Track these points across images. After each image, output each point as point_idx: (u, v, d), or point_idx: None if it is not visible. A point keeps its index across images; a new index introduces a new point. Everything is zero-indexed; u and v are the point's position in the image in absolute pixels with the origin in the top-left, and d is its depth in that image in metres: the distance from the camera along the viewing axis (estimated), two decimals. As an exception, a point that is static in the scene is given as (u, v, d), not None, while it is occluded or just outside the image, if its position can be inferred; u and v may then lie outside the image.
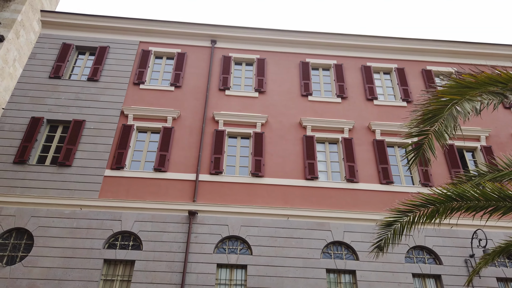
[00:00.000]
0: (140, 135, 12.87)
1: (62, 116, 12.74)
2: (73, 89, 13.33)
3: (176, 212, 11.21)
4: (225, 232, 11.02)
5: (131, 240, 10.83)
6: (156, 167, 11.93)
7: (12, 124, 12.39)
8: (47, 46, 14.32)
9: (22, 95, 13.06)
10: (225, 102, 13.63)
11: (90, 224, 10.80)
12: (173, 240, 10.75)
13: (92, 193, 11.34)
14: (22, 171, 11.51)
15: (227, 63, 14.53)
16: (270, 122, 13.32)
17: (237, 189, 11.83)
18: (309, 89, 14.16)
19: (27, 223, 10.66)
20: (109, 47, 14.46)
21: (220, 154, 12.34)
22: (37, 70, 13.69)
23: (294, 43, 15.26)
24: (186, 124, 13.02)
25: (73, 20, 14.71)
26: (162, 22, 14.97)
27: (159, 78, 14.20)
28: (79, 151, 12.05)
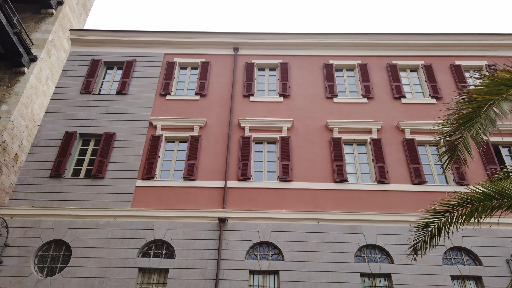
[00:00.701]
0: (168, 145, 13.09)
1: (94, 130, 13.14)
2: (103, 103, 13.74)
3: (207, 219, 11.31)
4: (255, 238, 11.01)
5: (164, 249, 11.00)
6: (185, 175, 12.09)
7: (47, 140, 12.89)
8: (77, 63, 14.85)
9: (56, 112, 13.57)
10: (250, 108, 13.69)
11: (124, 234, 11.05)
12: (205, 247, 10.83)
13: (125, 203, 11.61)
14: (58, 184, 11.94)
15: (250, 69, 14.61)
16: (296, 126, 13.26)
17: (266, 194, 11.82)
18: (334, 90, 14.02)
19: (65, 234, 11.02)
20: (136, 60, 14.85)
21: (247, 160, 12.38)
22: (68, 86, 14.21)
23: (317, 46, 15.18)
24: (212, 132, 13.16)
25: (100, 36, 15.21)
26: (185, 33, 15.25)
27: (184, 88, 14.43)
28: (111, 163, 12.39)
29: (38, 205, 11.52)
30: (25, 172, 12.21)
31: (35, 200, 11.61)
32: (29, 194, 11.74)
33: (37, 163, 12.38)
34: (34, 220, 11.23)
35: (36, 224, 11.17)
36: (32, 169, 12.24)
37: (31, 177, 12.06)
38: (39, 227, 11.14)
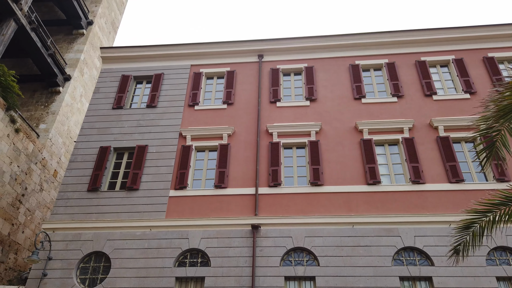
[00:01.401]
0: (198, 154, 13.29)
1: (127, 143, 13.53)
2: (135, 117, 14.14)
3: (240, 227, 11.36)
4: (289, 244, 10.94)
5: (199, 257, 11.13)
6: (217, 184, 12.22)
7: (84, 155, 13.39)
8: (108, 79, 15.38)
9: (90, 127, 14.09)
10: (277, 114, 13.70)
11: (160, 243, 11.27)
12: (239, 255, 10.87)
13: (159, 213, 11.85)
14: (95, 198, 12.35)
15: (276, 75, 14.64)
16: (325, 129, 13.14)
17: (297, 199, 11.74)
18: (362, 91, 13.81)
19: (104, 246, 11.37)
20: (163, 73, 15.22)
21: (277, 166, 12.36)
22: (101, 103, 14.73)
23: (342, 47, 15.02)
24: (241, 140, 13.25)
25: (129, 52, 15.71)
26: (210, 44, 15.49)
27: (211, 98, 14.64)
28: (144, 174, 12.70)
29: (78, 218, 11.96)
30: (64, 187, 12.72)
31: (74, 213, 12.06)
32: (68, 208, 12.20)
33: (75, 178, 12.87)
34: (74, 233, 11.66)
35: (77, 237, 11.59)
36: (71, 184, 12.73)
37: (70, 192, 12.55)
38: (80, 239, 11.54)
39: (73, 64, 19.83)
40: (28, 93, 18.68)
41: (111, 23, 24.02)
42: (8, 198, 14.54)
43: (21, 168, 15.36)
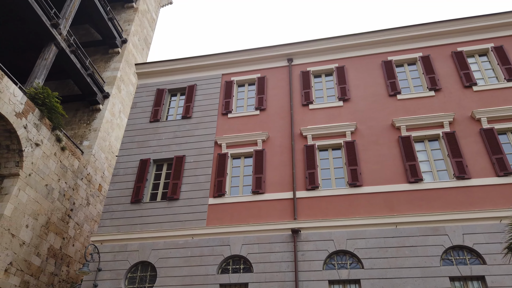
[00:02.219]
0: (234, 161, 13.44)
1: (165, 155, 13.92)
2: (171, 129, 14.54)
3: (279, 231, 11.35)
4: (331, 247, 10.80)
5: (241, 263, 11.21)
6: (254, 190, 12.29)
7: (125, 168, 13.90)
8: (144, 94, 15.92)
9: (130, 141, 14.62)
10: (311, 117, 13.61)
11: (202, 251, 11.46)
12: (281, 260, 10.85)
13: (200, 222, 12.07)
14: (139, 209, 12.78)
15: (306, 78, 14.58)
16: (360, 128, 12.91)
17: (336, 202, 11.58)
18: (397, 87, 13.46)
19: (149, 256, 11.72)
20: (196, 84, 15.57)
21: (314, 169, 12.27)
22: (139, 117, 15.26)
23: (373, 44, 14.74)
24: (275, 144, 13.27)
25: (162, 67, 16.20)
26: (239, 52, 15.68)
27: (244, 105, 14.79)
28: (183, 184, 13.00)
29: (123, 230, 12.40)
30: (109, 200, 13.25)
31: (120, 225, 12.53)
32: (114, 220, 12.69)
33: (118, 191, 13.38)
34: (121, 245, 12.10)
35: (123, 248, 12.02)
36: (115, 197, 13.24)
37: (115, 205, 13.05)
38: (126, 250, 11.96)
39: (110, 81, 20.70)
40: (71, 112, 19.68)
41: (144, 40, 24.89)
42: (58, 214, 15.33)
43: (69, 184, 16.15)
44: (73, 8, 18.08)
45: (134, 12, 23.98)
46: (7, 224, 12.64)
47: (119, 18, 23.71)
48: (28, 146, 13.84)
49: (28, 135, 13.87)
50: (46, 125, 14.90)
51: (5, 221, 12.54)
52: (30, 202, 13.75)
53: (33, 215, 13.84)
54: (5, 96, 12.90)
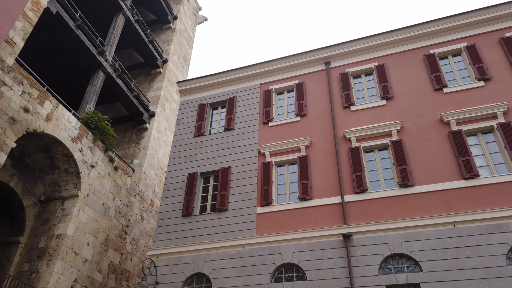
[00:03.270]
0: (279, 169, 13.46)
1: (211, 167, 14.24)
2: (215, 142, 14.87)
3: (330, 237, 11.18)
4: (386, 251, 10.47)
5: (294, 271, 11.15)
6: (301, 196, 12.23)
7: (175, 183, 14.37)
8: (187, 110, 16.44)
9: (177, 157, 15.11)
10: (353, 118, 13.38)
11: (254, 261, 11.54)
12: (334, 266, 10.67)
13: (250, 231, 12.18)
14: (190, 222, 13.13)
15: (346, 79, 14.38)
16: (406, 126, 12.49)
17: (387, 204, 11.24)
18: (442, 81, 12.92)
19: (203, 267, 11.97)
20: (236, 96, 15.85)
21: (361, 172, 12.01)
22: (183, 133, 15.76)
23: (413, 39, 14.29)
24: (319, 149, 13.16)
25: (202, 82, 16.67)
26: (276, 61, 15.80)
27: (284, 112, 14.82)
28: (231, 195, 13.21)
29: (177, 243, 12.78)
30: (162, 215, 13.73)
31: (173, 239, 12.93)
32: (168, 234, 13.12)
33: (169, 205, 13.84)
34: (176, 257, 12.47)
35: (178, 260, 12.38)
36: (167, 212, 13.70)
37: (167, 219, 13.50)
38: (181, 263, 12.31)
39: (155, 101, 21.59)
40: (121, 133, 20.71)
41: (183, 57, 25.76)
42: (115, 231, 16.10)
43: (123, 201, 16.94)
44: (116, 35, 19.12)
45: (172, 33, 24.93)
46: (70, 243, 13.45)
47: (159, 40, 24.74)
48: (84, 168, 14.71)
49: (84, 158, 14.76)
50: (99, 147, 15.78)
51: (68, 240, 13.36)
52: (90, 221, 14.56)
53: (93, 233, 14.64)
54: (61, 123, 13.85)
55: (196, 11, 29.26)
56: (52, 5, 14.84)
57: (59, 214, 13.92)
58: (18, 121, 12.09)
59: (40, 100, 13.12)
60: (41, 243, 13.36)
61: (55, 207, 14.17)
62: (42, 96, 13.21)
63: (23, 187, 14.04)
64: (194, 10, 28.94)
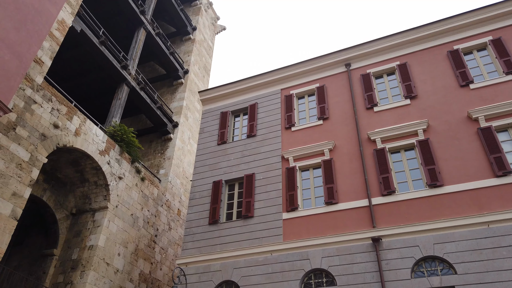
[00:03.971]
0: (303, 174, 13.38)
1: (235, 174, 14.31)
2: (238, 149, 14.95)
3: (359, 241, 11.00)
4: (417, 253, 10.20)
5: (323, 277, 11.01)
6: (327, 200, 12.10)
7: (200, 192, 14.51)
8: (210, 119, 16.62)
9: (201, 165, 15.27)
10: (377, 120, 13.18)
11: (283, 267, 11.47)
12: (364, 270, 10.47)
13: (277, 237, 12.13)
14: (217, 229, 13.20)
15: (367, 80, 14.20)
16: (433, 125, 12.19)
17: (417, 205, 10.96)
18: (468, 76, 12.56)
19: (232, 275, 11.99)
20: (257, 103, 15.91)
21: (387, 173, 11.78)
22: (207, 141, 15.93)
23: (435, 35, 13.99)
24: (343, 152, 13.01)
25: (223, 91, 16.84)
26: (296, 65, 15.78)
27: (306, 117, 14.76)
28: (256, 201, 13.22)
29: (205, 251, 12.87)
30: (189, 223, 13.88)
31: (201, 247, 13.03)
32: (195, 242, 13.24)
33: (196, 214, 13.98)
34: (204, 265, 12.55)
35: (207, 268, 12.45)
36: (194, 220, 13.84)
37: (194, 227, 13.63)
38: (210, 271, 12.38)
39: (178, 111, 21.94)
40: (146, 144, 21.12)
41: (203, 67, 26.12)
42: (144, 240, 16.38)
43: (151, 211, 17.23)
44: (138, 49, 19.60)
45: (192, 43, 25.34)
46: (102, 254, 13.77)
47: (179, 51, 25.19)
48: (113, 180, 15.08)
49: (112, 170, 15.13)
50: (126, 159, 16.15)
51: (100, 251, 13.69)
52: (119, 231, 14.88)
53: (123, 243, 14.94)
54: (89, 137, 14.27)
55: (215, 21, 29.65)
56: (77, 23, 15.39)
57: (90, 225, 14.29)
58: (49, 137, 12.54)
59: (69, 116, 13.58)
60: (74, 254, 13.74)
61: (86, 219, 14.57)
62: (70, 112, 13.68)
63: (56, 201, 14.51)
64: (213, 20, 29.34)
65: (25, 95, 11.96)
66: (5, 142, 11.01)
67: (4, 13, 8.97)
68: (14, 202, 10.92)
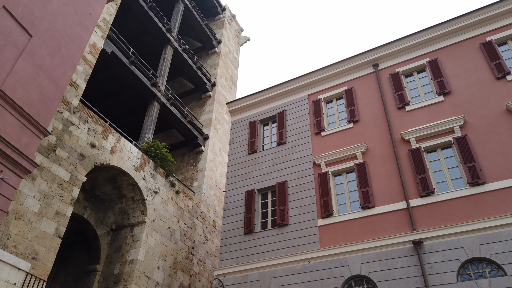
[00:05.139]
0: (337, 179, 13.16)
1: (268, 183, 14.27)
2: (269, 157, 14.93)
3: (399, 245, 10.65)
4: (463, 255, 9.74)
5: (364, 283, 10.72)
6: (363, 205, 11.83)
7: (234, 202, 14.57)
8: (239, 129, 16.74)
9: (233, 176, 15.36)
10: (409, 119, 12.81)
11: (321, 275, 11.26)
12: (407, 275, 10.10)
13: (314, 244, 11.95)
14: (252, 239, 13.18)
15: (397, 79, 13.87)
16: (470, 121, 11.71)
17: (458, 205, 10.50)
18: (504, 68, 12.01)
19: (270, 284, 11.90)
20: (285, 110, 15.88)
21: (424, 173, 11.39)
22: (237, 151, 16.03)
23: (466, 28, 13.50)
24: (377, 154, 12.71)
25: (250, 100, 16.94)
26: (321, 70, 15.66)
27: (336, 120, 14.57)
28: (290, 209, 13.11)
29: (242, 261, 12.87)
30: (224, 234, 13.94)
31: (238, 257, 13.04)
32: (232, 253, 13.27)
33: (231, 224, 14.03)
34: (242, 276, 12.54)
35: (245, 279, 12.43)
36: (229, 230, 13.89)
37: (230, 238, 13.68)
38: (248, 281, 12.34)
39: (207, 124, 22.27)
40: (179, 158, 21.53)
41: (230, 79, 26.45)
42: (182, 253, 16.60)
43: (187, 224, 17.47)
44: (166, 66, 20.14)
45: (217, 56, 25.76)
46: (142, 268, 14.06)
47: (205, 65, 25.67)
48: (149, 195, 15.44)
49: (147, 185, 15.51)
50: (160, 173, 16.51)
51: (140, 265, 13.99)
52: (158, 245, 15.16)
53: (161, 256, 15.20)
54: (124, 154, 14.73)
55: (238, 33, 30.04)
56: (107, 46, 16.02)
57: (129, 240, 14.66)
58: (87, 157, 13.04)
59: (104, 135, 14.09)
60: (116, 269, 14.11)
61: (125, 234, 14.96)
62: (105, 131, 14.19)
63: (96, 218, 15.01)
64: (236, 32, 29.73)
65: (63, 118, 12.53)
66: (47, 164, 11.54)
67: (40, 42, 9.49)
68: (58, 221, 11.38)
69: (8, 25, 8.73)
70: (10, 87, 8.45)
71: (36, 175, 11.10)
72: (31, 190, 10.86)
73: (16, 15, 8.91)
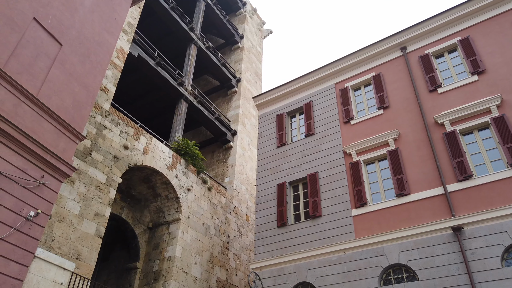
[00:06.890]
0: (369, 167, 12.92)
1: (298, 175, 14.21)
2: (298, 149, 14.84)
3: (438, 232, 10.35)
4: (507, 240, 9.34)
5: (403, 272, 10.50)
6: (398, 192, 11.56)
7: (265, 196, 14.61)
8: (266, 122, 16.73)
9: (263, 170, 15.39)
10: (442, 101, 12.36)
11: (358, 265, 11.14)
12: (448, 262, 9.81)
13: (349, 235, 11.81)
14: (286, 232, 13.18)
15: (427, 61, 13.39)
16: (507, 99, 11.16)
17: (499, 187, 10.12)
18: (543, 41, 11.34)
19: (307, 276, 11.88)
20: (312, 101, 15.71)
21: (461, 157, 10.98)
22: (266, 145, 16.03)
23: (499, 2, 12.82)
24: (409, 140, 12.37)
25: (276, 93, 16.86)
26: (347, 57, 15.34)
27: (365, 108, 14.26)
28: (323, 200, 13.00)
29: (276, 254, 12.91)
30: (258, 228, 14.02)
31: (273, 250, 13.09)
32: (266, 246, 13.34)
33: (264, 218, 14.09)
34: (278, 268, 12.58)
35: (281, 271, 12.47)
36: (262, 224, 13.96)
37: (264, 231, 13.74)
38: (284, 273, 12.38)
39: (235, 119, 22.39)
40: (209, 155, 21.80)
41: (255, 73, 26.42)
42: (218, 248, 16.85)
43: (220, 219, 17.70)
44: (191, 65, 20.37)
45: (241, 52, 25.79)
46: (180, 264, 14.39)
47: (229, 61, 25.75)
48: (182, 193, 15.74)
49: (180, 183, 15.81)
50: (192, 171, 16.78)
51: (178, 261, 14.32)
52: (194, 241, 15.46)
53: (198, 252, 15.49)
54: (156, 154, 15.06)
55: (260, 26, 29.90)
56: (134, 49, 16.38)
57: (166, 238, 15.03)
58: (121, 158, 13.43)
59: (136, 136, 14.45)
60: (155, 266, 14.52)
61: (162, 231, 15.35)
62: (137, 133, 14.55)
63: (133, 217, 15.47)
64: (259, 26, 29.61)
65: (96, 122, 12.95)
66: (84, 167, 11.99)
67: (70, 49, 9.82)
68: (97, 222, 11.82)
69: (40, 35, 9.08)
70: (45, 95, 8.81)
71: (75, 178, 11.55)
72: (71, 193, 11.32)
73: (46, 26, 9.25)
